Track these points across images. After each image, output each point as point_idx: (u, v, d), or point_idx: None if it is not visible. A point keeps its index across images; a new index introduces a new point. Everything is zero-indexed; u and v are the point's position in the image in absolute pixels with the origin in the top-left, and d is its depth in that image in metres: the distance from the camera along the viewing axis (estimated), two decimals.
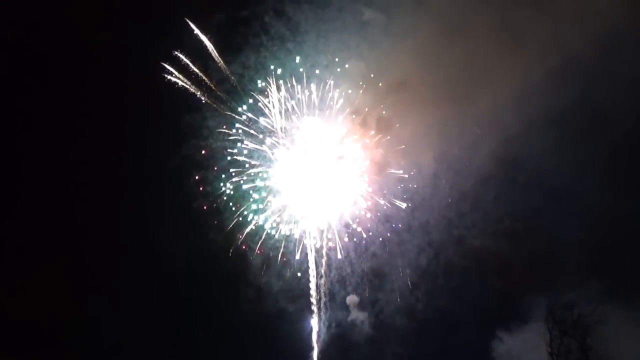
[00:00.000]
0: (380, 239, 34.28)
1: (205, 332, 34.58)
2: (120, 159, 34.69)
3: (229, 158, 33.31)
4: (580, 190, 33.52)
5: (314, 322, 34.46)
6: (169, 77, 32.04)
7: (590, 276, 31.80)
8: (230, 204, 33.27)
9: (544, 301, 32.54)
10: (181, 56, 32.07)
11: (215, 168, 33.23)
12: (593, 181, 32.91)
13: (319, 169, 33.86)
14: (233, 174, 33.38)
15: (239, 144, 33.36)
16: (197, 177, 32.95)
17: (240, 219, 33.37)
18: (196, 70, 32.36)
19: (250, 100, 33.24)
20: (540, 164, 34.00)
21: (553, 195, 34.07)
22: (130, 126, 34.26)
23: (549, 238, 34.35)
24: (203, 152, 33.05)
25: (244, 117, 33.29)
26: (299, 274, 34.15)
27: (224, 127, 33.22)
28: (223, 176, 33.22)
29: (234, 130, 33.34)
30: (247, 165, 33.49)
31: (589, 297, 31.18)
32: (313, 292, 34.26)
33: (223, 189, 33.23)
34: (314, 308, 34.45)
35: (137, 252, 33.54)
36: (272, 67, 32.98)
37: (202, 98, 32.71)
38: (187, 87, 32.30)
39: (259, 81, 33.06)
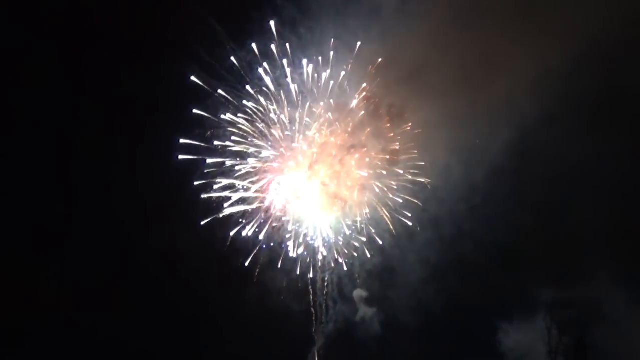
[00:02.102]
0: (390, 234, 33.02)
1: (213, 323, 34.44)
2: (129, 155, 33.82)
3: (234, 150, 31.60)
4: (595, 183, 32.30)
5: (317, 317, 34.07)
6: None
7: (599, 267, 31.21)
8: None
9: (551, 294, 32.33)
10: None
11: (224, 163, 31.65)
12: (610, 172, 31.78)
13: (327, 164, 32.43)
14: (240, 169, 31.80)
15: (247, 137, 31.70)
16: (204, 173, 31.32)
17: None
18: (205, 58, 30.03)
19: (260, 90, 31.25)
20: (556, 154, 32.95)
21: (567, 187, 33.32)
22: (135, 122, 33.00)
23: (562, 230, 33.45)
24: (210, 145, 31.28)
25: (252, 107, 31.35)
26: (299, 273, 33.13)
27: (232, 119, 31.32)
28: (231, 172, 31.63)
29: (241, 123, 31.51)
30: (255, 160, 31.98)
31: (595, 289, 30.62)
32: (319, 285, 33.64)
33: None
34: (318, 300, 33.97)
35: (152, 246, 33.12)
36: (282, 53, 30.70)
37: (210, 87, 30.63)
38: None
39: (268, 69, 30.90)
